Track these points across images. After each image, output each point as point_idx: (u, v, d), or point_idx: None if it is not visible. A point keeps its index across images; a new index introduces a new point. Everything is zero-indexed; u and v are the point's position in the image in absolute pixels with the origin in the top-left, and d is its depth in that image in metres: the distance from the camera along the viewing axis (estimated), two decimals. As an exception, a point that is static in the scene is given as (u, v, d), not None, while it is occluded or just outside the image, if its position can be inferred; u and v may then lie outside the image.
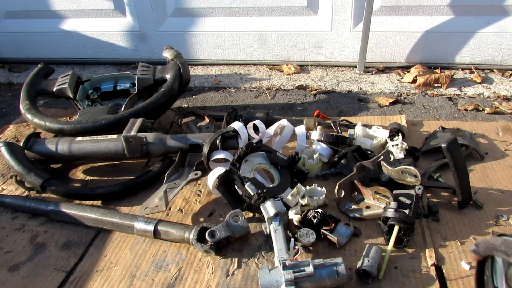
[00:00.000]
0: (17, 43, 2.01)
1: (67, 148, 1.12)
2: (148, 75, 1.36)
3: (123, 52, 1.94)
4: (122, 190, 1.07)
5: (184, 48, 1.85)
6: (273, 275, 0.76)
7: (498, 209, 0.95)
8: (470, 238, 0.88)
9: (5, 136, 1.39)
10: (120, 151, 1.11)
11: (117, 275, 0.86)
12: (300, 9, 1.72)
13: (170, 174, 1.06)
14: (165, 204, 0.97)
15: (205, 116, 1.34)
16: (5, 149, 1.09)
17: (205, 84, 1.75)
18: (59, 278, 0.86)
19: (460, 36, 1.64)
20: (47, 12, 1.91)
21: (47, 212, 1.00)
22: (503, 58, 1.64)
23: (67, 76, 1.38)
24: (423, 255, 0.85)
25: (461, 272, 0.81)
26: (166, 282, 0.83)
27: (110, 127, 1.17)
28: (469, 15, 1.60)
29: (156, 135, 1.12)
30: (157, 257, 0.89)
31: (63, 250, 0.93)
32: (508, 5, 1.55)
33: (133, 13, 1.84)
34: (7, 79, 1.89)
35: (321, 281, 0.75)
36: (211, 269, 0.85)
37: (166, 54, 1.44)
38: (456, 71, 1.67)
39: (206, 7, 1.78)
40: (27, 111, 1.25)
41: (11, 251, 0.94)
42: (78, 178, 1.18)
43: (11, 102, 1.70)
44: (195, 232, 0.89)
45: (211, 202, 1.04)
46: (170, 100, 1.29)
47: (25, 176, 1.06)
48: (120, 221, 0.95)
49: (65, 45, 1.97)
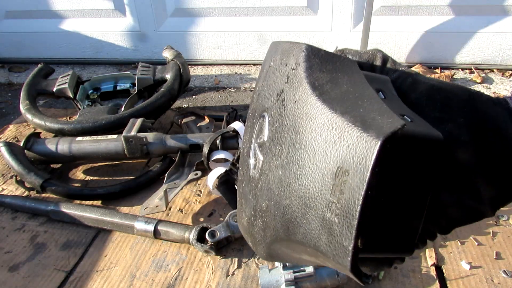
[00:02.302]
0: (17, 43, 2.01)
1: (67, 148, 1.12)
2: (148, 75, 1.36)
3: (123, 52, 1.94)
4: (122, 190, 1.07)
5: (184, 48, 1.85)
6: (273, 275, 0.76)
7: (498, 209, 0.95)
8: (470, 238, 0.88)
9: (5, 136, 1.39)
10: (120, 151, 1.11)
11: (117, 275, 0.86)
12: (300, 9, 1.72)
13: (170, 174, 1.06)
14: (165, 204, 0.97)
15: (205, 116, 1.34)
16: (5, 149, 1.09)
17: (205, 84, 1.75)
18: (59, 278, 0.86)
19: (460, 36, 1.64)
20: (47, 12, 1.91)
21: (47, 212, 1.01)
22: (503, 58, 1.64)
23: (67, 76, 1.38)
24: (423, 255, 0.85)
25: (461, 272, 0.81)
26: (166, 282, 0.83)
27: (110, 127, 1.17)
28: (469, 15, 1.60)
29: (156, 135, 1.12)
30: (157, 257, 0.89)
31: (63, 250, 0.93)
32: (508, 5, 1.55)
33: (133, 13, 1.84)
34: (7, 79, 1.89)
35: (321, 281, 0.75)
36: (211, 269, 0.85)
37: (166, 54, 1.44)
38: (456, 71, 1.67)
39: (206, 7, 1.78)
40: (27, 111, 1.26)
41: (11, 251, 0.94)
42: (78, 178, 1.18)
43: (11, 102, 1.70)
44: (195, 232, 0.89)
45: (211, 202, 1.04)
46: (170, 100, 1.29)
47: (25, 176, 1.06)
48: (120, 221, 0.95)
49: (65, 45, 1.97)
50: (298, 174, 0.40)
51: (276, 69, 0.50)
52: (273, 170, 0.45)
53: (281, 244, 0.46)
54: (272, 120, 0.48)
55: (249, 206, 0.52)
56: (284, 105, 0.45)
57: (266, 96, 0.51)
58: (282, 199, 0.42)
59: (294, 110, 0.43)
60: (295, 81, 0.44)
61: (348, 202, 0.33)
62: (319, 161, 0.37)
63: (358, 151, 0.33)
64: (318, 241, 0.37)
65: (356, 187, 0.33)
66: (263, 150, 0.49)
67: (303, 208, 0.39)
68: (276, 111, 0.47)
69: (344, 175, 0.34)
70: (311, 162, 0.38)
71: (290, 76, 0.45)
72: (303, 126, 0.41)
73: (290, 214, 0.41)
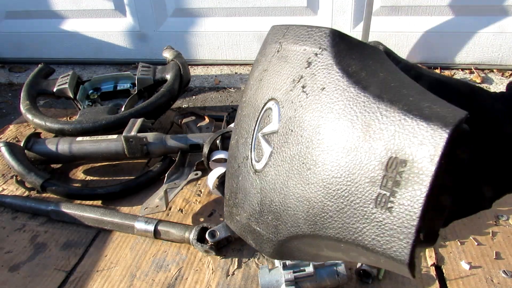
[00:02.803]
0: (17, 43, 2.01)
1: (67, 148, 1.13)
2: (149, 75, 1.36)
3: (123, 52, 1.94)
4: (122, 190, 1.07)
5: (184, 48, 1.85)
6: (273, 275, 0.76)
7: (498, 209, 0.95)
8: (470, 238, 0.88)
9: (6, 136, 1.39)
10: (120, 151, 1.11)
11: (117, 275, 0.86)
12: (300, 9, 1.73)
13: (170, 174, 1.06)
14: (165, 204, 0.97)
15: (205, 116, 1.34)
16: (5, 149, 1.09)
17: (205, 84, 1.75)
18: (60, 278, 0.86)
19: (460, 36, 1.64)
20: (47, 12, 1.92)
21: (48, 212, 1.01)
22: (503, 58, 1.64)
23: (67, 76, 1.38)
24: (423, 255, 0.85)
25: (461, 272, 0.81)
26: (167, 282, 0.84)
27: (110, 127, 1.17)
28: (469, 15, 1.60)
29: (156, 135, 1.12)
30: (157, 257, 0.89)
31: (64, 250, 0.93)
32: (508, 5, 1.55)
33: (133, 13, 1.84)
34: (7, 79, 1.89)
35: (321, 281, 0.75)
36: (211, 269, 0.86)
37: (166, 54, 1.44)
38: (456, 71, 1.67)
39: (206, 7, 1.78)
40: (28, 111, 1.26)
41: (12, 251, 0.94)
42: (78, 178, 1.18)
43: (11, 102, 1.70)
44: (195, 232, 0.89)
45: (211, 202, 1.04)
46: (170, 100, 1.29)
47: (25, 176, 1.06)
48: (121, 221, 0.95)
49: (65, 45, 1.97)
50: (332, 165, 0.37)
51: (288, 54, 0.46)
52: (291, 162, 0.42)
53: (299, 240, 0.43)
54: (286, 109, 0.45)
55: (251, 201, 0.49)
56: (305, 92, 0.42)
57: (273, 83, 0.48)
58: (307, 193, 0.40)
59: (323, 98, 0.40)
60: (320, 67, 0.41)
61: (408, 194, 0.31)
62: (361, 152, 0.35)
63: (420, 141, 0.31)
64: (360, 235, 0.35)
65: (418, 178, 0.31)
66: (273, 141, 0.46)
67: (339, 202, 0.37)
68: (294, 98, 0.44)
69: (400, 166, 0.32)
70: (350, 153, 0.36)
71: (312, 62, 0.42)
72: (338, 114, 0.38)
73: (320, 208, 0.38)
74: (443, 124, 0.30)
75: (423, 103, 0.33)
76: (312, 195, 0.39)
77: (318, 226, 0.39)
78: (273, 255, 0.49)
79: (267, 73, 0.49)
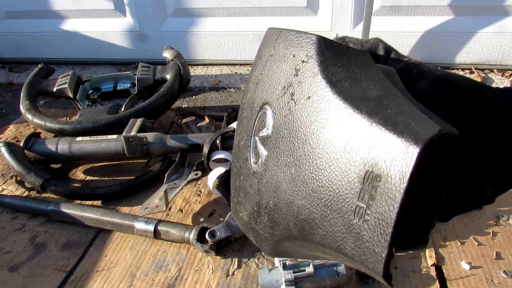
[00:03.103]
0: (17, 43, 2.01)
1: (67, 148, 1.12)
2: (148, 75, 1.36)
3: (123, 52, 1.94)
4: (122, 190, 1.07)
5: (184, 48, 1.85)
6: (273, 275, 0.76)
7: (498, 209, 0.95)
8: (470, 238, 0.88)
9: (5, 136, 1.39)
10: (120, 151, 1.11)
11: (117, 275, 0.86)
12: (300, 9, 1.72)
13: (170, 174, 1.06)
14: (165, 204, 0.97)
15: (205, 116, 1.34)
16: (5, 149, 1.09)
17: (205, 84, 1.75)
18: (59, 278, 0.86)
19: (460, 36, 1.64)
20: (47, 12, 1.91)
21: (47, 212, 1.01)
22: (503, 58, 1.64)
23: (67, 76, 1.38)
24: (423, 255, 0.85)
25: (461, 272, 0.81)
26: (166, 282, 0.83)
27: (110, 127, 1.17)
28: (469, 15, 1.60)
29: (156, 135, 1.12)
30: (157, 257, 0.89)
31: (63, 250, 0.93)
32: (508, 5, 1.55)
33: (133, 13, 1.84)
34: (7, 79, 1.89)
35: (321, 281, 0.75)
36: (211, 269, 0.85)
37: (166, 54, 1.44)
38: (456, 71, 1.67)
39: (206, 7, 1.78)
40: (27, 111, 1.26)
41: (11, 251, 0.94)
42: (78, 178, 1.18)
43: (11, 102, 1.70)
44: (195, 232, 0.89)
45: (211, 202, 1.04)
46: (170, 100, 1.29)
47: (25, 176, 1.06)
48: (120, 221, 0.95)
49: (65, 45, 1.97)
50: (317, 174, 0.38)
51: (280, 60, 0.47)
52: (282, 167, 0.43)
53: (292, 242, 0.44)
54: (277, 114, 0.45)
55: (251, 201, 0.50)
56: (294, 100, 0.43)
57: (267, 88, 0.48)
58: (296, 199, 0.40)
59: (308, 107, 0.40)
60: (306, 75, 0.42)
61: (381, 209, 0.32)
62: (342, 163, 0.35)
63: (392, 157, 0.31)
64: (342, 244, 0.36)
65: (391, 194, 0.31)
66: (268, 145, 0.47)
67: (323, 210, 0.37)
68: (284, 105, 0.44)
69: (375, 180, 0.32)
70: (332, 163, 0.36)
71: (299, 69, 0.43)
72: (321, 124, 0.39)
73: (306, 214, 0.39)
74: (414, 141, 0.30)
75: (400, 116, 0.33)
76: (300, 202, 0.40)
77: (305, 231, 0.40)
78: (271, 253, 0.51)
79: (263, 77, 0.50)
